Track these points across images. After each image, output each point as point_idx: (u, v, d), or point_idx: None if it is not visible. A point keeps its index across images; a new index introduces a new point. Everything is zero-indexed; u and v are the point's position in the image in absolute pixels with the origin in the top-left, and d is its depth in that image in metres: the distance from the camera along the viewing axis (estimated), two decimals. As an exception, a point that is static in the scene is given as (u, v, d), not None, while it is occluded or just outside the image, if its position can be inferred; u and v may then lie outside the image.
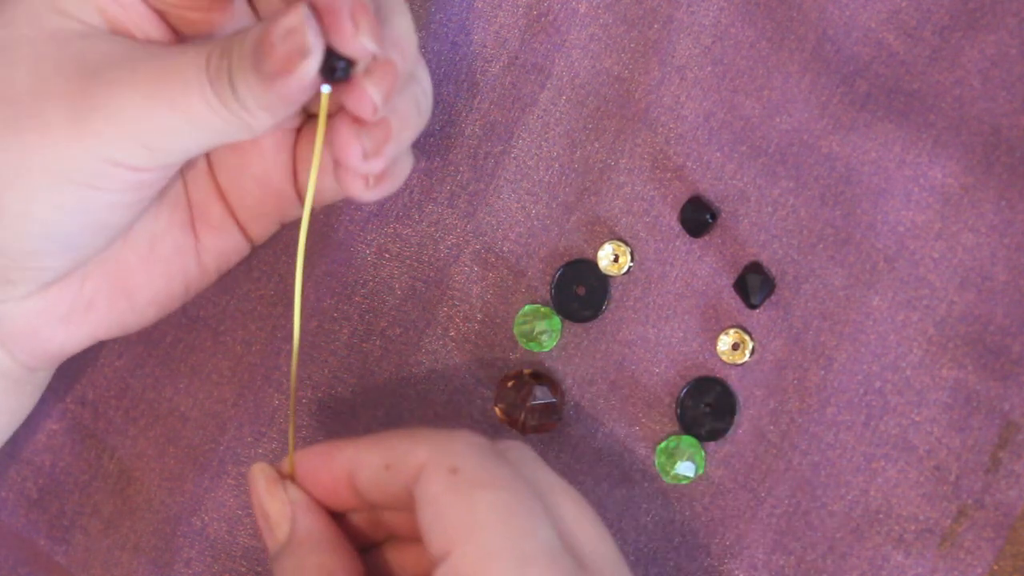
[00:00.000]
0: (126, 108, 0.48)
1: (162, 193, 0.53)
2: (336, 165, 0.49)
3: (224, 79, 0.47)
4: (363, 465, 0.49)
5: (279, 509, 0.50)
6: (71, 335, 0.53)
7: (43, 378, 0.55)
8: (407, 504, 0.48)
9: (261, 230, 0.55)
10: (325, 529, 0.50)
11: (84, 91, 0.48)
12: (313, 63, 0.46)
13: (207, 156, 0.54)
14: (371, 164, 0.49)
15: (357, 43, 0.46)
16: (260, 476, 0.51)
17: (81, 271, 0.53)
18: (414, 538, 0.50)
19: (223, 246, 0.55)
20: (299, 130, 0.54)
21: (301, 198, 0.54)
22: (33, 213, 0.49)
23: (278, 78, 0.46)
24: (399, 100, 0.49)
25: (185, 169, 0.54)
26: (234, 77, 0.47)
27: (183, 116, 0.48)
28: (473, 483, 0.46)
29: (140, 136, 0.48)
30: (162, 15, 0.51)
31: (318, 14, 0.46)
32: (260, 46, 0.46)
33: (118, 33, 0.50)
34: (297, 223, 0.55)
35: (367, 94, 0.47)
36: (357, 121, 0.48)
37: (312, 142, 0.53)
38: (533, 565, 0.44)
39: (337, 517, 0.51)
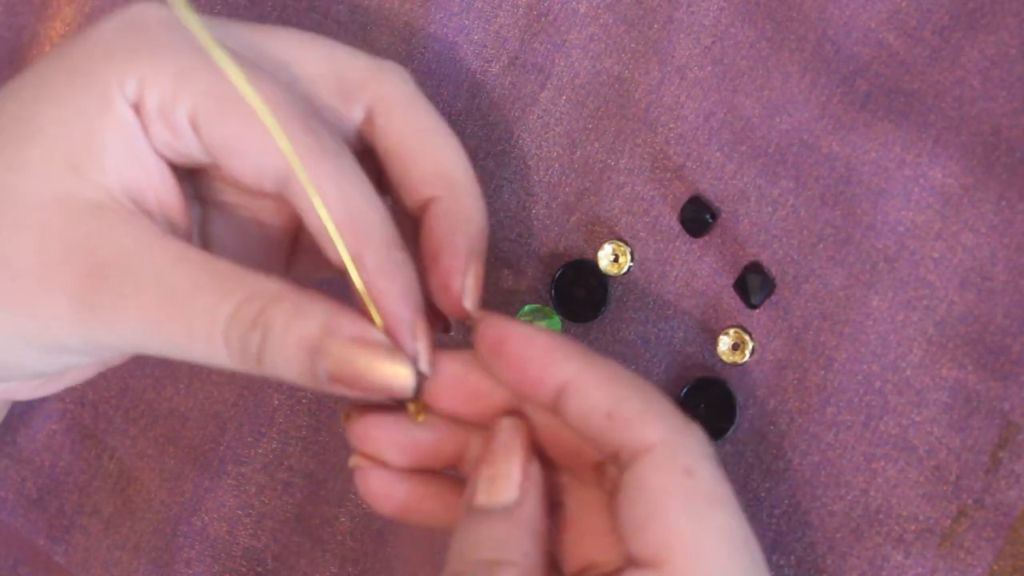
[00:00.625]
0: (128, 326, 0.45)
1: None
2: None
3: (248, 352, 0.44)
4: (585, 396, 0.45)
5: (515, 472, 0.46)
6: (47, 390, 0.53)
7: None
8: (588, 445, 0.46)
9: None
10: (544, 518, 0.47)
11: (89, 294, 0.45)
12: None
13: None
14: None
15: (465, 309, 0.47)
16: (510, 430, 0.47)
17: None
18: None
19: None
20: None
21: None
22: (23, 367, 0.48)
23: (330, 383, 0.44)
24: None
25: None
26: (266, 356, 0.44)
27: (175, 350, 0.45)
28: (707, 496, 0.44)
29: (139, 347, 0.46)
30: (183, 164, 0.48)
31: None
32: (336, 359, 0.43)
33: (134, 197, 0.47)
34: None
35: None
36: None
37: None
38: None
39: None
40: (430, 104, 0.50)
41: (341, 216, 0.45)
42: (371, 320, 0.45)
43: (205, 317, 0.44)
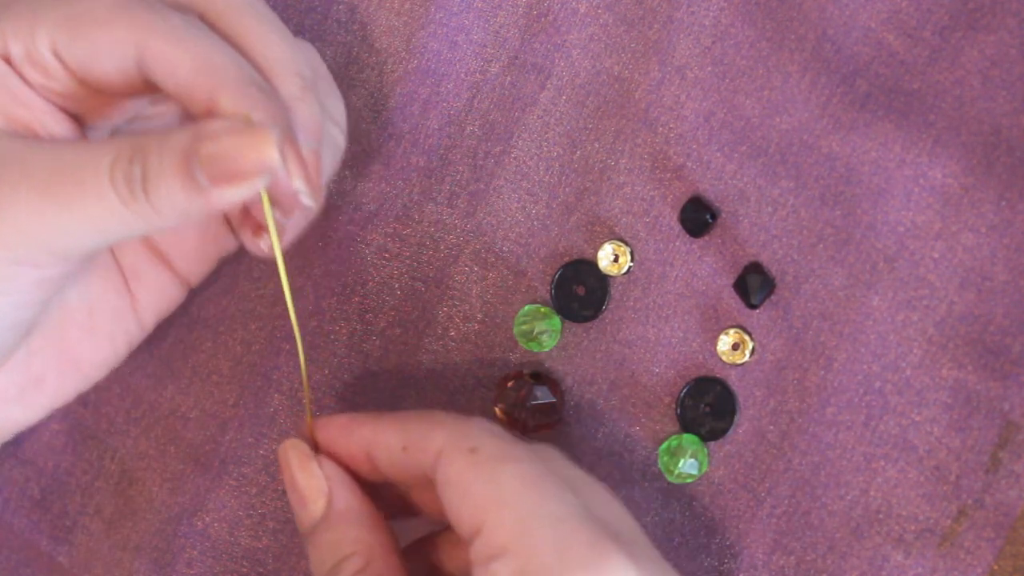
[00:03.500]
0: (19, 209, 0.47)
1: (91, 263, 0.54)
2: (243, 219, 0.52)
3: (134, 185, 0.46)
4: (381, 445, 0.51)
5: (315, 485, 0.51)
6: (28, 411, 0.55)
7: None
8: (425, 485, 0.50)
9: (199, 272, 0.56)
10: (361, 504, 0.51)
11: None
12: (259, 185, 0.45)
13: None
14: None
15: (294, 189, 0.48)
16: (292, 452, 0.52)
17: (24, 350, 0.53)
18: (439, 519, 0.52)
19: (160, 298, 0.56)
20: None
21: (236, 233, 0.55)
22: None
23: (215, 189, 0.45)
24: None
25: None
26: (149, 183, 0.46)
27: (79, 218, 0.47)
28: (494, 459, 0.48)
29: (37, 237, 0.48)
30: (67, 110, 0.51)
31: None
32: (208, 155, 0.45)
33: (19, 133, 0.50)
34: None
35: (299, 200, 0.49)
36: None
37: None
38: (567, 523, 0.46)
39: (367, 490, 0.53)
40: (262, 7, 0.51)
41: (191, 65, 0.48)
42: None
43: (90, 170, 0.47)
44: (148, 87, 0.50)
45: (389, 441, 0.50)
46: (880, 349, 0.54)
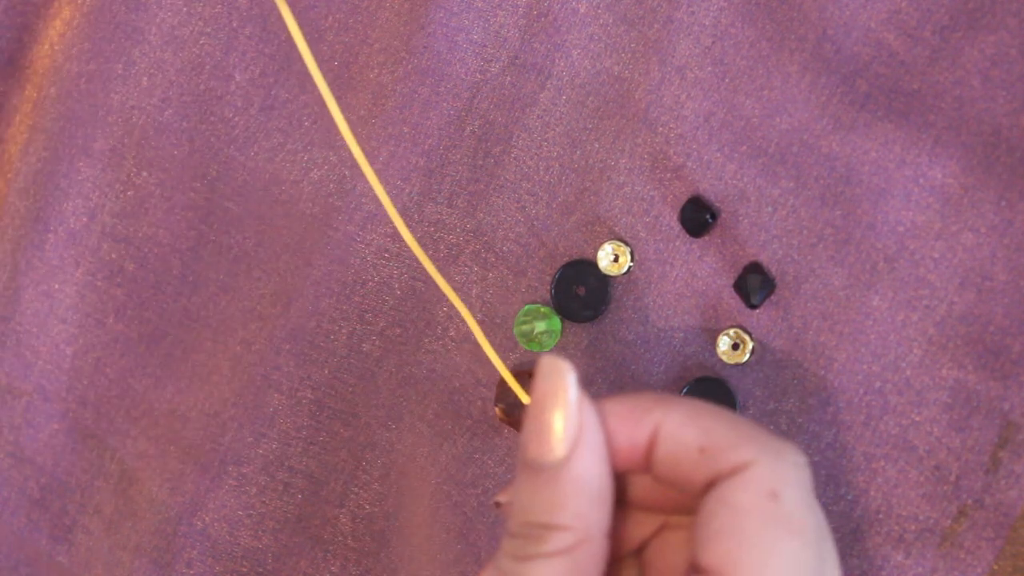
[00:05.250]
0: None
1: None
2: None
3: None
4: (674, 439, 0.45)
5: (566, 428, 0.45)
6: None
7: None
8: (691, 487, 0.45)
9: None
10: (603, 479, 0.45)
11: None
12: None
13: None
14: None
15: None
16: (559, 378, 0.45)
17: None
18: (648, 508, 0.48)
19: None
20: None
21: None
22: None
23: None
24: None
25: None
26: None
27: None
28: (786, 523, 0.43)
29: None
30: None
31: None
32: None
33: None
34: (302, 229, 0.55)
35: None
36: None
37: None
38: None
39: None
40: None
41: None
42: None
43: None
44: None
45: (686, 437, 0.45)
46: (880, 349, 0.55)
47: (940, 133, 0.55)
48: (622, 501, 0.48)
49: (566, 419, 0.45)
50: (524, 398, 0.48)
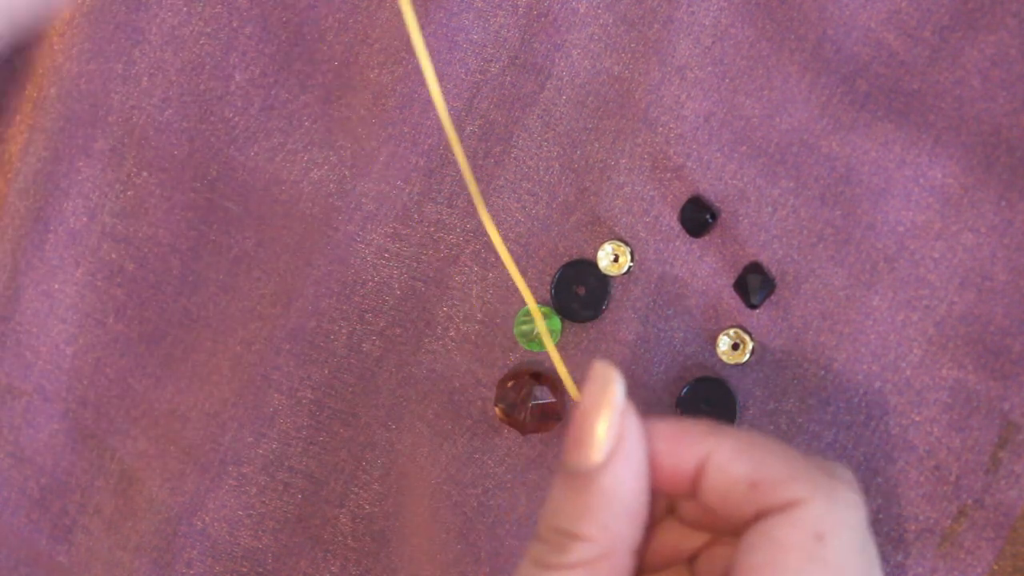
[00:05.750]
0: None
1: None
2: None
3: None
4: (725, 470, 0.44)
5: (604, 434, 0.44)
6: None
7: None
8: (739, 518, 0.44)
9: None
10: (638, 493, 0.45)
11: None
12: None
13: None
14: None
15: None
16: (606, 386, 0.45)
17: None
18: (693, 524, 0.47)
19: None
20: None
21: None
22: None
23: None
24: None
25: None
26: None
27: None
28: (830, 566, 0.43)
29: None
30: None
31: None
32: None
33: None
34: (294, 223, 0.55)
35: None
36: None
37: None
38: None
39: None
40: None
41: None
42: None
43: None
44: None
45: (737, 470, 0.44)
46: (880, 349, 0.55)
47: (940, 133, 0.55)
48: (671, 515, 0.47)
49: (608, 426, 0.44)
50: (566, 379, 0.48)
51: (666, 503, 0.47)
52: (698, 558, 0.48)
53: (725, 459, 0.45)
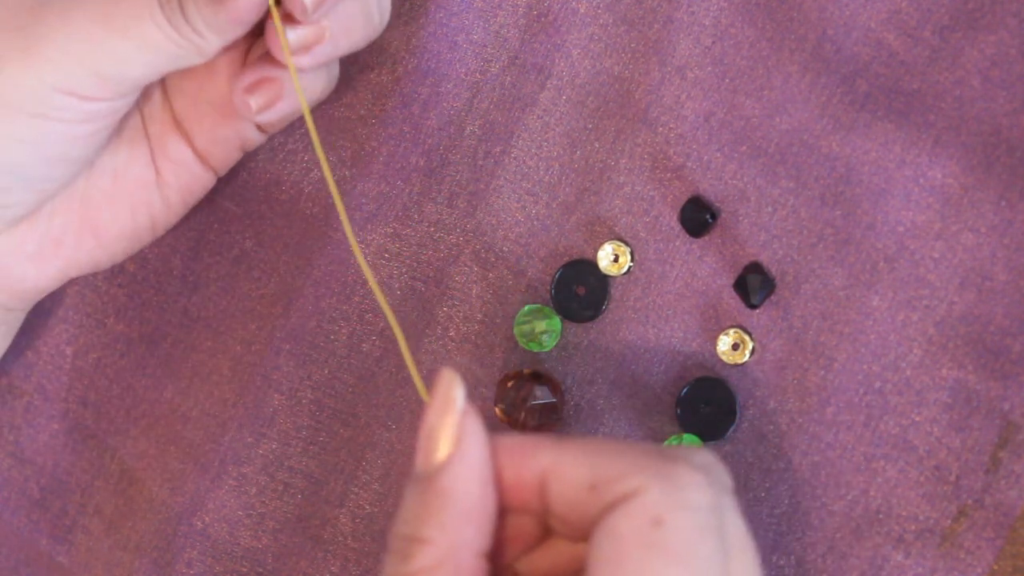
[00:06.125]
0: (77, 35, 0.50)
1: (120, 127, 0.55)
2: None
3: (174, 3, 0.49)
4: (565, 478, 0.45)
5: (443, 434, 0.45)
6: (42, 272, 0.56)
7: (16, 318, 0.58)
8: (575, 530, 0.45)
9: (222, 158, 0.57)
10: (479, 497, 0.45)
11: (35, 20, 0.50)
12: None
13: (162, 88, 0.56)
14: (300, 59, 0.52)
15: None
16: (443, 388, 0.46)
17: (48, 208, 0.55)
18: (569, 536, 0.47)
19: (185, 179, 0.57)
20: (248, 49, 0.56)
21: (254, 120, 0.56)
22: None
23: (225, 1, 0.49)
24: (344, 5, 0.52)
25: (142, 103, 0.56)
26: (185, 4, 0.49)
27: (134, 42, 0.50)
28: (669, 550, 0.42)
29: (92, 63, 0.50)
30: None
31: None
32: None
33: None
34: (297, 208, 0.55)
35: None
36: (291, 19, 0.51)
37: (261, 58, 0.55)
38: None
39: None
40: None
41: None
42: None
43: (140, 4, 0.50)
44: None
45: (576, 475, 0.44)
46: (880, 349, 0.55)
47: (940, 133, 0.55)
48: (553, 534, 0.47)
49: (448, 427, 0.45)
50: (423, 394, 0.48)
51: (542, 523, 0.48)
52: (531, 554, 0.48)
53: (564, 467, 0.45)
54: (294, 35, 0.51)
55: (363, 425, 0.58)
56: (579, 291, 0.57)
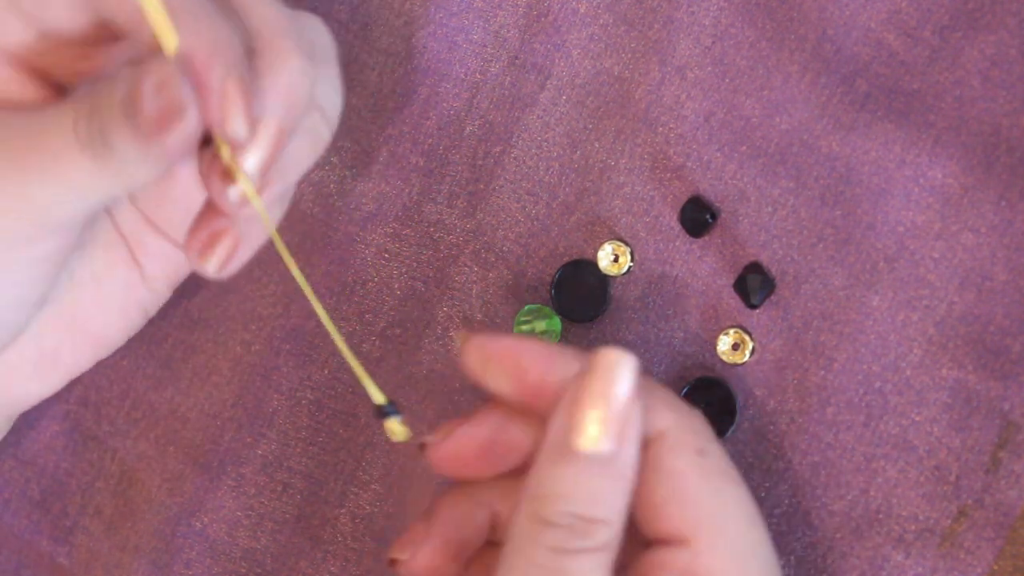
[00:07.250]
0: (1, 186, 0.47)
1: (91, 235, 0.54)
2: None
3: (97, 140, 0.45)
4: (544, 361, 0.48)
5: (620, 416, 0.47)
6: (46, 385, 0.56)
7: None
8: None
9: None
10: (636, 474, 0.47)
11: None
12: (190, 123, 0.44)
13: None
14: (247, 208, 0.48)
15: (227, 129, 0.46)
16: (623, 367, 0.47)
17: (35, 329, 0.54)
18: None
19: (171, 268, 0.55)
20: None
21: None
22: None
23: (155, 136, 0.44)
24: (291, 144, 0.49)
25: (108, 207, 0.54)
26: (110, 136, 0.45)
27: (59, 184, 0.46)
28: (721, 473, 0.48)
29: (22, 212, 0.47)
30: (36, 71, 0.50)
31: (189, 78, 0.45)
32: (131, 103, 0.44)
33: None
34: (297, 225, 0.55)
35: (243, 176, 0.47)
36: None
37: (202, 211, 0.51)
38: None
39: None
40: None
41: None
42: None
43: (57, 135, 0.45)
44: (110, 31, 0.49)
45: (567, 365, 0.48)
46: (880, 349, 0.55)
47: (940, 133, 0.55)
48: None
49: (626, 415, 0.46)
50: (377, 395, 0.50)
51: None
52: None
53: (556, 357, 0.48)
54: (240, 186, 0.48)
55: (363, 425, 0.58)
56: (579, 291, 0.57)
